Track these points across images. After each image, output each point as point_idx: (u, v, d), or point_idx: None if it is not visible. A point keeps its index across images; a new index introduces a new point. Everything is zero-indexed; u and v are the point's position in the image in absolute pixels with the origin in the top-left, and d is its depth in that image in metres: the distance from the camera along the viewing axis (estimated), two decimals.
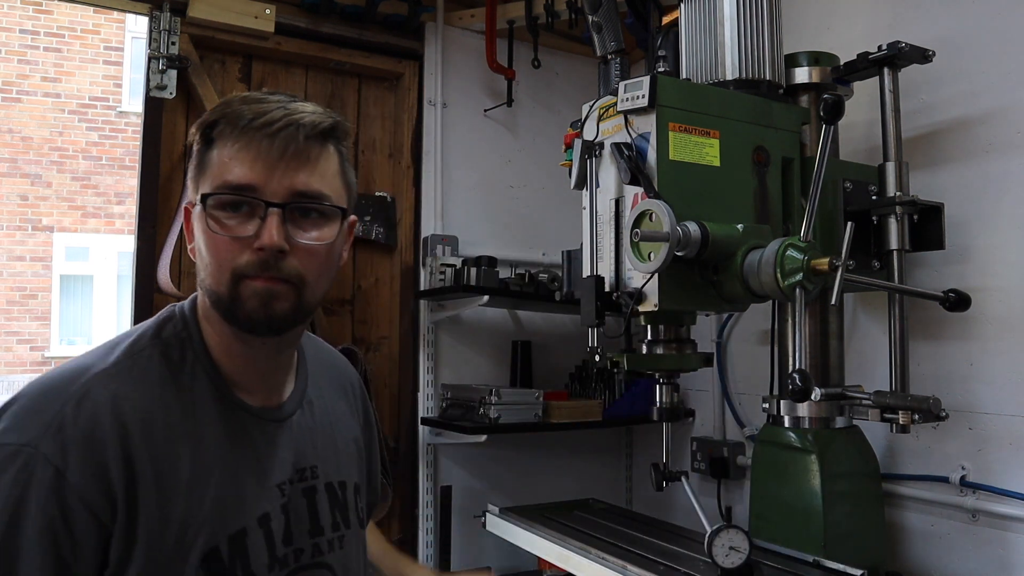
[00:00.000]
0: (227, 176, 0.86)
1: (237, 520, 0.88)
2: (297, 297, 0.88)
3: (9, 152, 8.22)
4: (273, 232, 0.84)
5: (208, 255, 0.88)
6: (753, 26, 1.54)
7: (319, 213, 0.90)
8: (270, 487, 0.93)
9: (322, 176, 0.90)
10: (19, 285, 8.43)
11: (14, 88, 8.24)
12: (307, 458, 0.99)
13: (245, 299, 0.86)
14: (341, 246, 0.96)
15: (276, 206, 0.85)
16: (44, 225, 8.47)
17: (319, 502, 0.99)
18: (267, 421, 0.95)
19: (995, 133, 1.70)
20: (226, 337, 0.92)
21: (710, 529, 1.45)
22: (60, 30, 8.50)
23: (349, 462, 1.07)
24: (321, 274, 0.91)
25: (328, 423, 1.05)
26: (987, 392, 1.69)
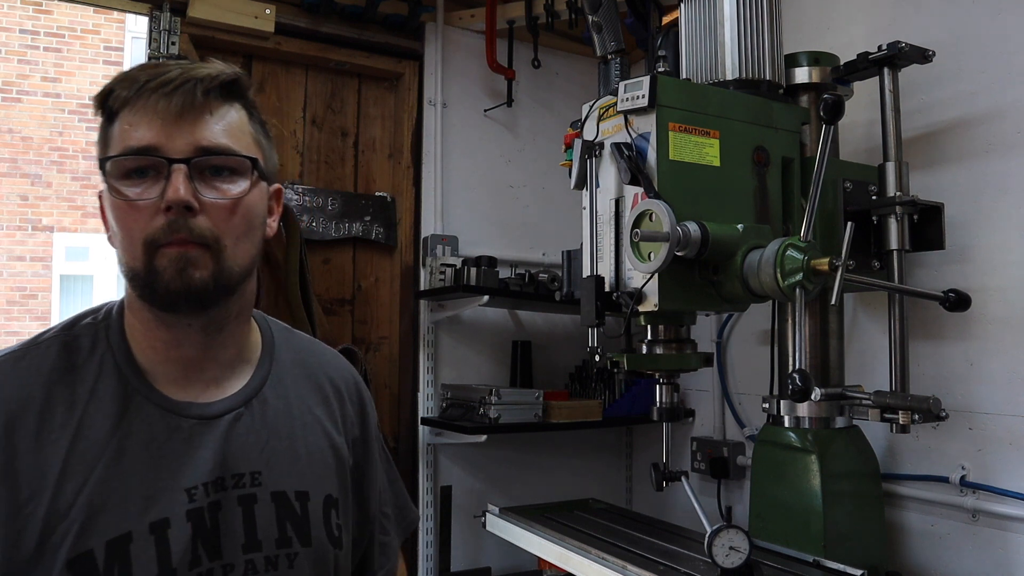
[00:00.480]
0: (127, 142, 0.82)
1: (119, 524, 0.79)
2: (215, 262, 0.83)
3: (9, 152, 8.22)
4: (179, 188, 0.80)
5: (120, 229, 0.83)
6: (753, 26, 1.54)
7: (230, 170, 0.85)
8: (174, 490, 0.83)
9: (227, 131, 0.86)
10: (19, 285, 8.43)
11: (14, 88, 8.24)
12: (245, 462, 0.89)
13: (161, 270, 0.81)
14: (260, 207, 0.90)
15: (179, 162, 0.81)
16: (44, 225, 8.47)
17: (258, 513, 0.88)
18: (184, 417, 0.86)
19: (995, 133, 1.70)
20: (149, 325, 0.87)
21: (710, 529, 1.45)
22: (60, 30, 8.50)
23: (316, 472, 0.96)
24: (239, 236, 0.85)
25: (287, 426, 0.95)
26: (987, 392, 1.69)
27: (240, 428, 0.90)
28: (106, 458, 0.81)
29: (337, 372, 1.08)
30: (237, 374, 0.94)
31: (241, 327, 0.94)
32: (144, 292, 0.83)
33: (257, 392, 0.94)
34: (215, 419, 0.89)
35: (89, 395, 0.84)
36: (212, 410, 0.89)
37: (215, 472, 0.86)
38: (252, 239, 0.88)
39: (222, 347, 0.91)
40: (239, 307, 0.91)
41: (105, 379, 0.85)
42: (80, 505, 0.78)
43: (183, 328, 0.87)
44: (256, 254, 0.90)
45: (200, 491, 0.84)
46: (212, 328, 0.89)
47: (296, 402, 0.98)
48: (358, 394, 1.09)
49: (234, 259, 0.85)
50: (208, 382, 0.90)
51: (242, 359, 0.95)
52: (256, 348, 0.98)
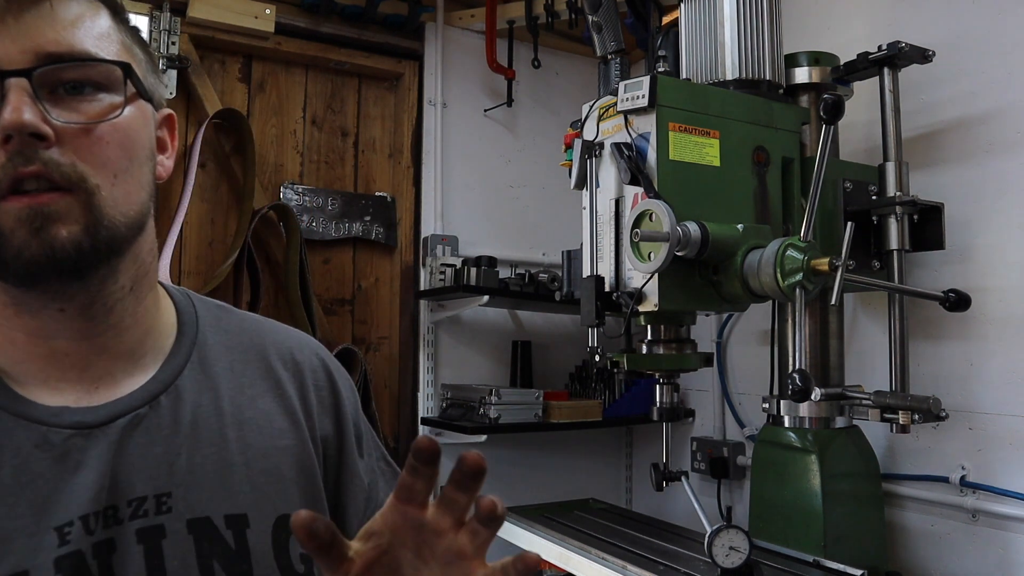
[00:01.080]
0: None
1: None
2: (86, 211, 0.59)
3: None
4: (21, 108, 0.57)
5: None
6: (753, 26, 1.54)
7: (93, 86, 0.62)
8: (38, 531, 0.58)
9: (85, 32, 0.62)
10: None
11: None
12: (146, 482, 0.64)
13: (8, 232, 0.58)
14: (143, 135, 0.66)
15: (15, 74, 0.58)
16: None
17: (169, 551, 0.63)
18: (55, 427, 0.62)
19: (995, 133, 1.70)
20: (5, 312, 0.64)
21: (710, 529, 1.45)
22: None
23: (260, 486, 0.69)
24: (117, 173, 0.62)
25: (213, 427, 0.69)
26: (987, 392, 1.69)
27: (139, 436, 0.65)
28: None
29: (298, 352, 0.81)
30: (142, 366, 0.69)
31: (141, 304, 0.69)
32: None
33: (167, 387, 0.69)
34: (102, 426, 0.63)
35: None
36: (97, 415, 0.64)
37: (101, 499, 0.61)
38: (135, 177, 0.64)
39: (115, 332, 0.67)
40: (133, 276, 0.67)
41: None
42: None
43: (53, 313, 0.63)
44: (146, 200, 0.66)
45: (77, 529, 0.59)
46: (97, 309, 0.65)
47: (230, 395, 0.72)
48: (327, 378, 0.81)
49: (113, 204, 0.61)
50: (96, 380, 0.66)
51: (150, 346, 0.70)
52: (168, 331, 0.73)
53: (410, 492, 0.56)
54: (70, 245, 0.59)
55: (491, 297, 2.33)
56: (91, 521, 0.60)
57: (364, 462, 0.82)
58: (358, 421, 0.83)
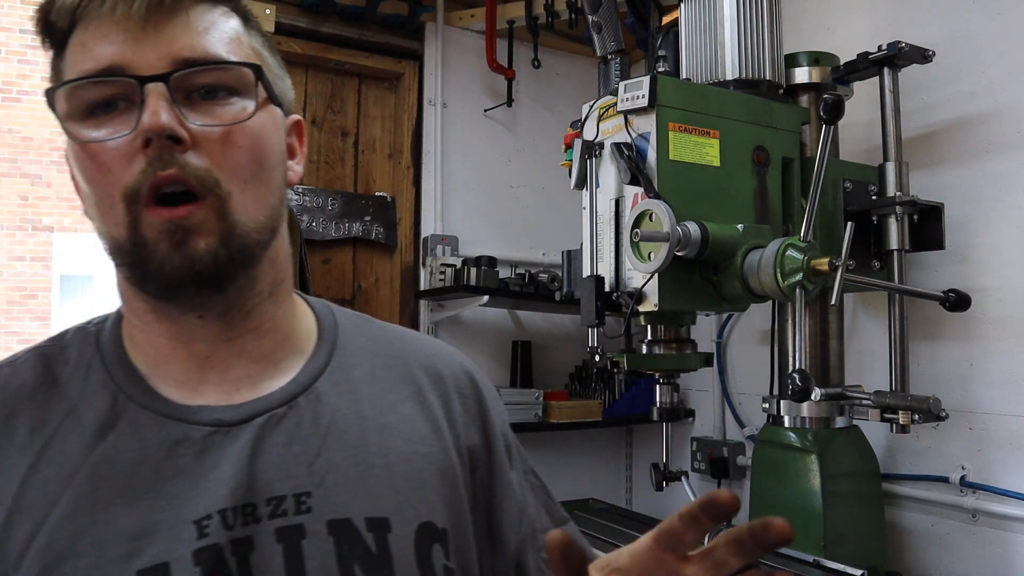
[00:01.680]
0: (82, 67, 0.61)
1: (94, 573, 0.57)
2: (220, 220, 0.61)
3: (9, 152, 8.22)
4: (159, 111, 0.58)
5: (91, 188, 0.62)
6: (753, 26, 1.54)
7: (226, 90, 0.63)
8: (178, 523, 0.59)
9: (218, 37, 0.64)
10: (19, 285, 8.43)
11: (14, 88, 8.25)
12: (286, 481, 0.64)
13: (151, 242, 0.60)
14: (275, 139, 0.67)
15: (153, 80, 0.59)
16: (44, 225, 8.48)
17: (309, 551, 0.62)
18: (194, 425, 0.64)
19: (995, 133, 1.70)
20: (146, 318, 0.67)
21: None
22: None
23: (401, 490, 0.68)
24: (248, 178, 0.63)
25: (354, 429, 0.69)
26: (987, 392, 1.69)
27: (279, 435, 0.65)
28: (74, 488, 0.60)
29: (440, 361, 0.80)
30: (281, 370, 0.69)
31: (280, 308, 0.70)
32: (132, 272, 0.62)
33: (306, 388, 0.69)
34: (240, 425, 0.64)
35: (67, 413, 0.63)
36: (235, 413, 0.65)
37: (240, 496, 0.61)
38: (267, 183, 0.65)
39: (253, 336, 0.68)
40: (270, 281, 0.68)
41: (90, 392, 0.65)
42: (35, 552, 0.57)
43: (192, 320, 0.65)
44: (277, 205, 0.67)
45: (216, 522, 0.60)
46: (235, 314, 0.66)
47: (371, 399, 0.72)
48: (473, 389, 0.80)
49: (245, 211, 0.62)
50: (237, 383, 0.67)
51: (289, 350, 0.71)
52: (308, 336, 0.74)
53: (677, 541, 0.55)
54: (208, 257, 0.60)
55: (491, 297, 2.33)
56: (229, 516, 0.61)
57: (515, 474, 0.81)
58: (506, 432, 0.83)
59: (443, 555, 0.67)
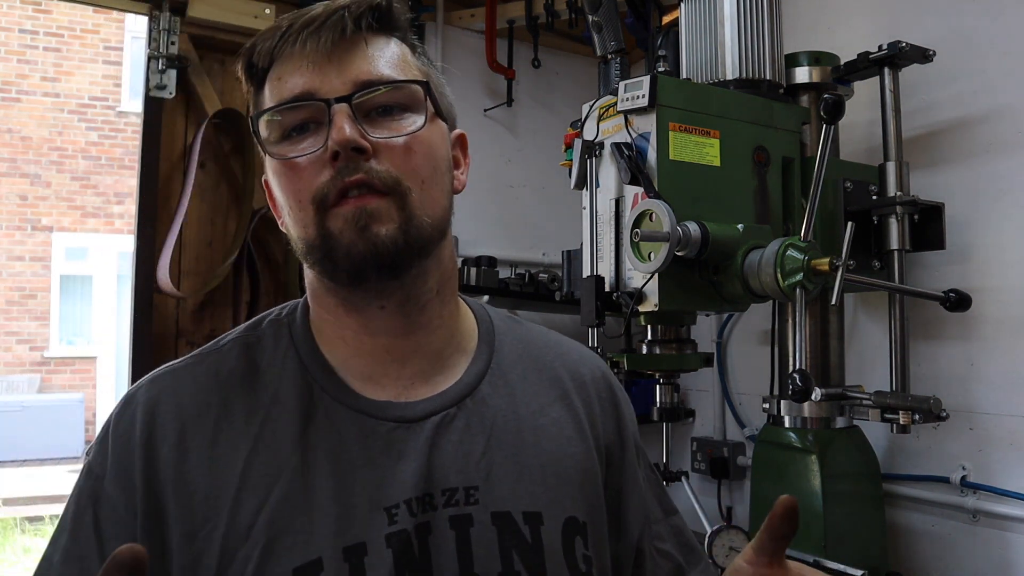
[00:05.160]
0: (280, 95, 0.72)
1: (307, 548, 0.66)
2: (401, 211, 0.69)
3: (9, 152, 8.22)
4: (344, 127, 0.68)
5: (286, 197, 0.72)
6: (753, 26, 1.53)
7: (400, 107, 0.73)
8: (373, 509, 0.69)
9: (389, 63, 0.74)
10: (18, 285, 8.43)
11: (14, 88, 8.25)
12: (458, 475, 0.72)
13: (338, 233, 0.68)
14: (443, 149, 0.77)
15: (339, 101, 0.70)
16: (43, 225, 8.48)
17: (476, 538, 0.70)
18: (381, 420, 0.73)
19: (996, 133, 1.70)
20: (336, 312, 0.75)
21: (710, 529, 1.45)
22: (59, 30, 8.50)
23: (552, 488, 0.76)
24: (425, 179, 0.72)
25: (512, 430, 0.77)
26: (987, 392, 1.69)
27: (452, 433, 0.74)
28: (289, 471, 0.69)
29: (583, 367, 0.88)
30: (448, 367, 0.79)
31: (446, 307, 0.79)
32: (324, 266, 0.71)
33: (473, 389, 0.78)
34: (419, 422, 0.74)
35: (271, 400, 0.73)
36: (415, 411, 0.74)
37: (421, 487, 0.70)
38: (440, 186, 0.75)
39: (425, 332, 0.77)
40: (439, 279, 0.77)
41: (288, 380, 0.74)
42: (261, 526, 0.66)
43: (375, 311, 0.74)
44: (448, 207, 0.77)
45: (403, 510, 0.69)
46: (411, 307, 0.75)
47: (524, 401, 0.80)
48: (609, 390, 0.89)
49: (422, 208, 0.71)
50: (412, 377, 0.76)
51: (454, 348, 0.80)
52: (471, 336, 0.83)
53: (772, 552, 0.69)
54: (388, 241, 0.69)
55: (491, 297, 2.33)
56: (413, 505, 0.70)
57: (641, 471, 0.90)
58: (635, 432, 0.91)
59: (583, 546, 0.76)
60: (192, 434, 0.70)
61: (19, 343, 8.45)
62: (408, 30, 0.79)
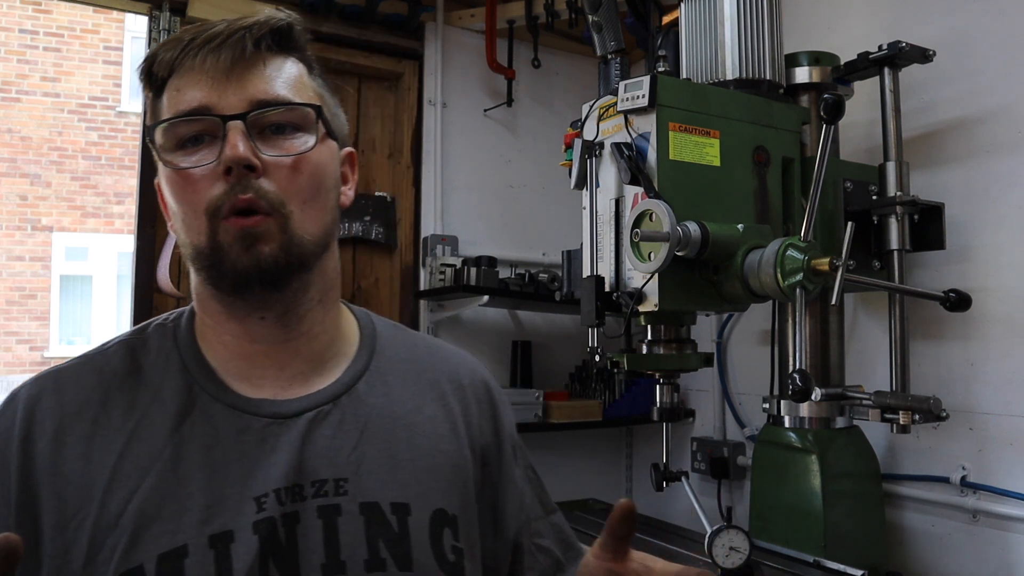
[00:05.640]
0: (176, 107, 0.75)
1: (174, 535, 0.70)
2: (282, 231, 0.73)
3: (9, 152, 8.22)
4: (237, 144, 0.71)
5: (179, 205, 0.75)
6: (753, 26, 1.53)
7: (293, 126, 0.76)
8: (242, 499, 0.72)
9: (286, 83, 0.77)
10: (18, 285, 8.43)
11: (14, 88, 8.25)
12: (329, 467, 0.76)
13: (226, 246, 0.73)
14: (331, 168, 0.80)
15: (234, 118, 0.73)
16: (43, 225, 8.48)
17: (343, 527, 0.75)
18: (256, 416, 0.76)
19: (996, 133, 1.70)
20: (219, 318, 0.79)
21: (710, 529, 1.45)
22: (59, 30, 8.50)
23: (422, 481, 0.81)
24: (307, 199, 0.76)
25: (386, 427, 0.81)
26: (987, 392, 1.69)
27: (325, 428, 0.78)
28: (161, 463, 0.72)
29: (462, 371, 0.93)
30: (328, 370, 0.82)
31: (328, 314, 0.83)
32: (210, 274, 0.75)
33: (349, 388, 0.82)
34: (294, 417, 0.77)
35: (151, 398, 0.76)
36: (291, 407, 0.78)
37: (291, 478, 0.74)
38: (322, 204, 0.78)
39: (306, 339, 0.80)
40: (320, 290, 0.81)
41: (170, 380, 0.77)
42: (130, 515, 0.70)
43: (255, 321, 0.78)
44: (330, 223, 0.80)
45: (271, 499, 0.73)
46: (291, 317, 0.79)
47: (401, 401, 0.84)
48: (488, 394, 0.94)
49: (302, 227, 0.75)
50: (290, 379, 0.80)
51: (334, 353, 0.84)
52: (352, 341, 0.87)
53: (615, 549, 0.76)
54: (271, 258, 0.73)
55: (491, 297, 2.33)
56: (282, 495, 0.73)
57: (518, 470, 0.95)
58: (513, 433, 0.97)
59: (452, 537, 0.80)
60: (69, 430, 0.73)
61: (19, 343, 8.44)
62: (306, 50, 0.83)
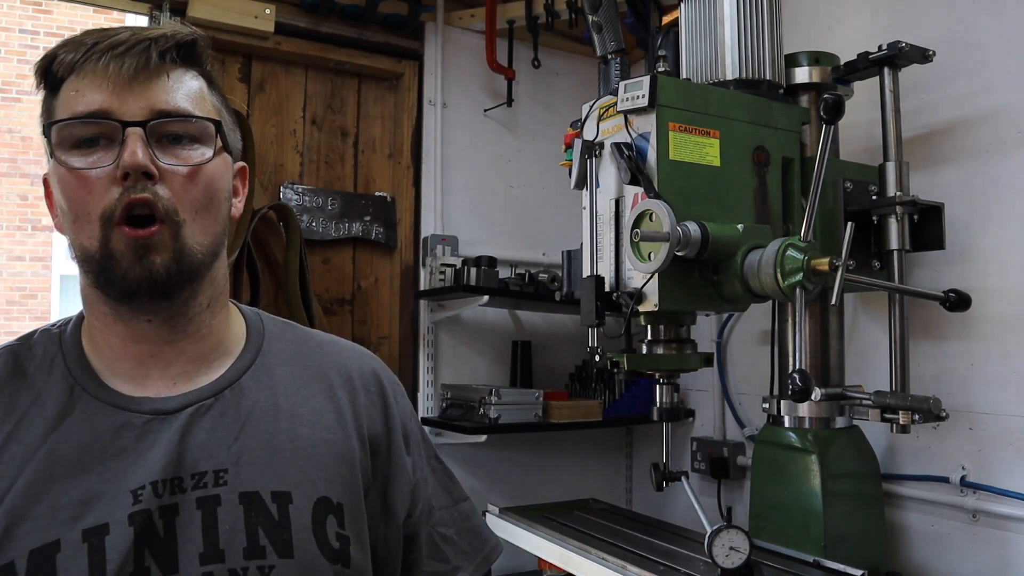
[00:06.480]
0: (75, 107, 0.75)
1: (45, 531, 0.70)
2: (174, 241, 0.75)
3: (9, 152, 8.22)
4: (137, 150, 0.72)
5: (70, 207, 0.75)
6: (753, 26, 1.53)
7: (190, 138, 0.78)
8: (117, 493, 0.73)
9: (187, 96, 0.79)
10: (19, 285, 8.42)
11: (14, 88, 8.24)
12: (208, 459, 0.77)
13: (118, 255, 0.73)
14: (224, 181, 0.82)
15: (134, 125, 0.74)
16: (44, 225, 8.47)
17: (222, 516, 0.75)
18: (136, 413, 0.77)
19: (995, 133, 1.70)
20: (105, 320, 0.80)
21: (710, 529, 1.45)
22: (60, 30, 8.49)
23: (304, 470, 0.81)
24: (199, 209, 0.77)
25: (268, 419, 0.82)
26: (987, 392, 1.69)
27: (205, 422, 0.79)
28: (36, 462, 0.73)
29: (352, 363, 0.95)
30: (213, 368, 0.84)
31: (215, 318, 0.84)
32: (99, 280, 0.76)
33: (231, 383, 0.83)
34: (174, 413, 0.78)
35: (31, 402, 0.77)
36: (171, 403, 0.79)
37: (170, 471, 0.75)
38: (213, 215, 0.79)
39: (192, 340, 0.82)
40: (209, 295, 0.83)
41: (52, 384, 0.78)
42: (2, 514, 0.70)
43: (142, 323, 0.79)
44: (220, 233, 0.81)
45: (148, 491, 0.73)
46: (178, 320, 0.80)
47: (286, 394, 0.86)
48: (378, 385, 0.95)
49: (193, 236, 0.76)
50: (175, 377, 0.81)
51: (220, 353, 0.85)
52: (238, 340, 0.88)
53: None
54: (163, 269, 0.74)
55: (491, 297, 2.33)
56: (159, 487, 0.74)
57: (411, 459, 0.94)
58: (407, 423, 0.96)
59: (337, 524, 0.81)
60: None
61: None
62: (207, 66, 0.85)
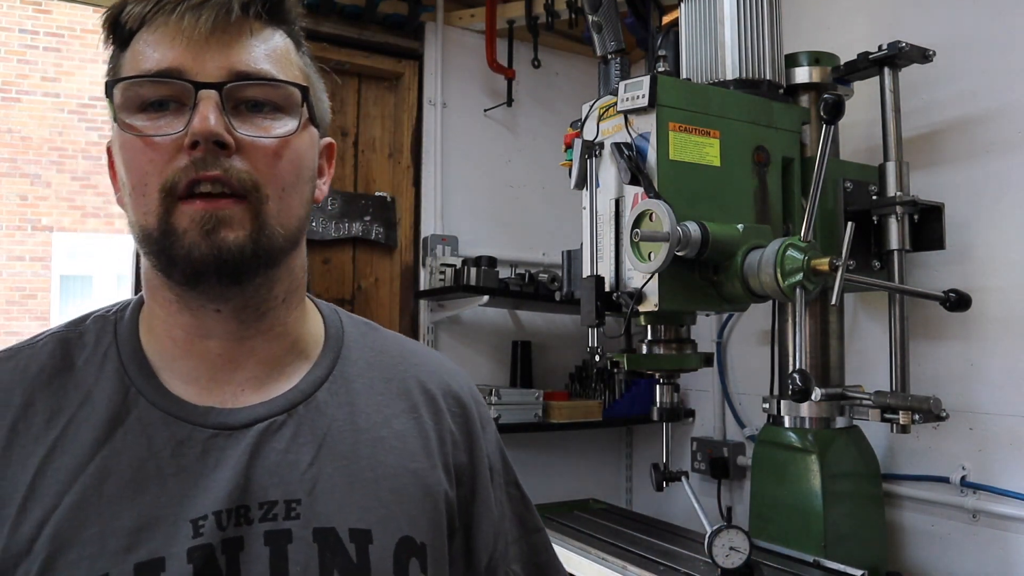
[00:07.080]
0: (142, 65, 0.64)
1: (93, 564, 0.59)
2: (254, 219, 0.64)
3: (9, 152, 8.22)
4: (208, 116, 0.62)
5: (130, 176, 0.64)
6: (753, 26, 1.53)
7: (273, 106, 0.67)
8: (176, 522, 0.62)
9: (271, 57, 0.67)
10: (18, 285, 8.42)
11: (14, 88, 8.24)
12: (279, 487, 0.66)
13: (181, 230, 0.62)
14: (311, 157, 0.71)
15: (209, 87, 0.63)
16: (44, 225, 8.47)
17: (293, 555, 0.64)
18: (199, 427, 0.66)
19: (995, 133, 1.70)
20: (169, 309, 0.68)
21: (710, 529, 1.45)
22: (60, 30, 8.50)
23: (387, 504, 0.70)
24: (286, 187, 0.66)
25: (347, 441, 0.71)
26: (987, 392, 1.69)
27: (276, 442, 0.68)
28: (85, 479, 0.62)
29: (438, 378, 0.82)
30: (286, 374, 0.72)
31: (291, 314, 0.73)
32: (160, 260, 0.65)
33: (308, 396, 0.71)
34: (242, 429, 0.67)
35: (82, 401, 0.66)
36: (239, 417, 0.68)
37: (235, 499, 0.64)
38: (300, 196, 0.69)
39: (264, 339, 0.71)
40: (287, 287, 0.71)
41: (104, 381, 0.67)
42: (44, 539, 0.60)
43: (210, 313, 0.68)
44: (304, 218, 0.70)
45: (210, 523, 0.63)
46: (250, 314, 0.69)
47: (367, 411, 0.74)
48: (461, 408, 0.82)
49: (278, 217, 0.66)
50: (243, 383, 0.70)
51: (295, 355, 0.74)
52: (316, 342, 0.76)
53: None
54: (235, 248, 0.63)
55: (491, 297, 2.33)
56: (223, 517, 0.63)
57: (495, 492, 0.84)
58: (492, 452, 0.86)
59: (419, 568, 0.70)
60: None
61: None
62: (296, 24, 0.73)
